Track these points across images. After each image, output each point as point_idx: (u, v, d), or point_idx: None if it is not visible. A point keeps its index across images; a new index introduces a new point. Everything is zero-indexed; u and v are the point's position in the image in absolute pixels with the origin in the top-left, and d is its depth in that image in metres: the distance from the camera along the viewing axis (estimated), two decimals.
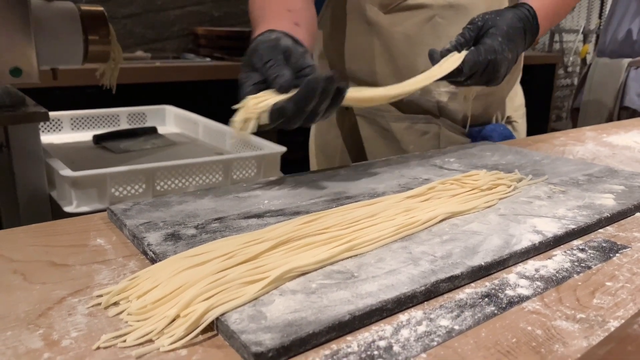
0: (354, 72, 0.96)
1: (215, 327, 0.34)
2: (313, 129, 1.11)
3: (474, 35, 0.74)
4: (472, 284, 0.42)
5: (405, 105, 0.93)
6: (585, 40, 3.85)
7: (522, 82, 1.08)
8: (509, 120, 1.02)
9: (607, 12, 3.34)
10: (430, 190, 0.57)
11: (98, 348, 0.32)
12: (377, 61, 0.93)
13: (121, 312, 0.36)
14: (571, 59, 3.80)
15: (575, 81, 3.86)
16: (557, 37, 3.76)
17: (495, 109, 0.98)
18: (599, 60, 1.89)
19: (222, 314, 0.34)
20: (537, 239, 0.47)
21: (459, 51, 0.73)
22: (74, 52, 1.12)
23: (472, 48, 0.73)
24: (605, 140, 0.97)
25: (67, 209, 0.95)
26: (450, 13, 0.86)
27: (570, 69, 3.86)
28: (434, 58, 0.75)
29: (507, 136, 0.96)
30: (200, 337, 0.34)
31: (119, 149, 1.36)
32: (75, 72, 1.78)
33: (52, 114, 1.46)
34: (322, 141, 1.09)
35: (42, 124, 1.44)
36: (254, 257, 0.41)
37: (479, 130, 0.94)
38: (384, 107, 0.95)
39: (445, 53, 0.74)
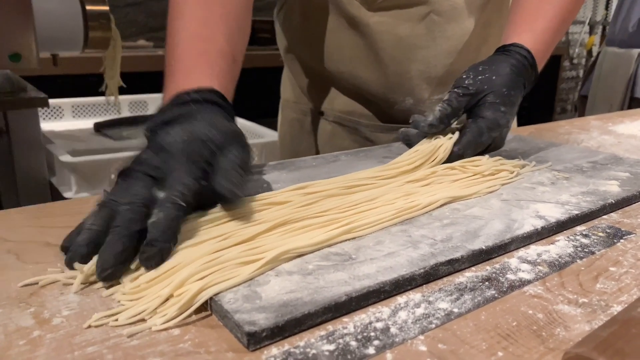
0: (332, 73, 0.82)
1: (209, 307, 0.34)
2: (281, 134, 0.95)
3: (464, 104, 0.61)
4: (473, 268, 0.41)
5: (396, 114, 0.81)
6: (591, 32, 3.81)
7: None
8: None
9: (614, 2, 3.30)
10: (431, 175, 0.56)
11: (89, 327, 0.31)
12: (360, 64, 0.78)
13: (115, 293, 0.35)
14: (577, 50, 3.77)
15: (581, 73, 3.83)
16: None
17: None
18: (608, 49, 1.88)
19: (216, 294, 0.33)
20: (539, 224, 0.47)
21: (445, 124, 0.60)
22: (74, 38, 1.11)
23: (471, 124, 0.61)
24: (610, 129, 0.96)
25: (67, 194, 0.95)
26: (447, 8, 0.75)
27: (575, 61, 3.83)
28: (411, 142, 0.61)
29: None
30: (194, 317, 0.33)
31: (119, 137, 1.35)
32: (77, 60, 1.77)
33: (53, 101, 1.46)
34: (292, 150, 0.92)
35: (43, 111, 1.44)
36: (250, 239, 0.40)
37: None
38: (367, 115, 0.83)
39: (427, 129, 0.59)
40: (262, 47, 2.34)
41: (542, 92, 3.47)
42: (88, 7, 1.12)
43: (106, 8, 1.17)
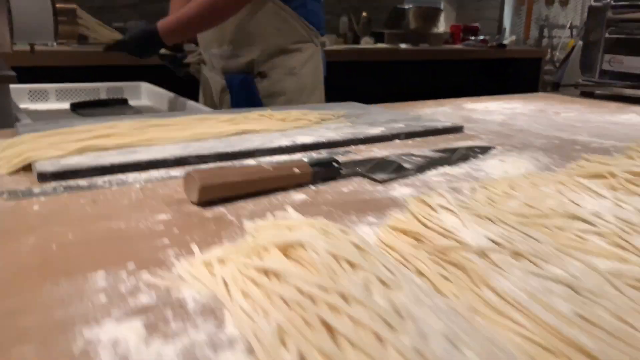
0: None
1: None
2: None
3: None
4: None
5: None
6: (571, 35, 3.95)
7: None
8: (261, 74, 1.33)
9: None
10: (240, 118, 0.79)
11: None
12: None
13: None
14: (557, 53, 3.91)
15: None
16: (546, 32, 3.88)
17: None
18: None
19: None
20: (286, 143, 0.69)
21: None
22: (46, 30, 1.38)
23: None
24: (464, 107, 1.15)
25: None
26: None
27: (558, 64, 3.96)
28: None
29: (247, 87, 1.33)
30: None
31: (90, 115, 1.61)
32: (72, 54, 2.05)
33: (40, 86, 1.73)
34: None
35: (30, 94, 1.72)
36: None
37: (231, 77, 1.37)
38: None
39: None
40: None
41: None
42: (57, 5, 1.39)
43: (73, 6, 1.43)
